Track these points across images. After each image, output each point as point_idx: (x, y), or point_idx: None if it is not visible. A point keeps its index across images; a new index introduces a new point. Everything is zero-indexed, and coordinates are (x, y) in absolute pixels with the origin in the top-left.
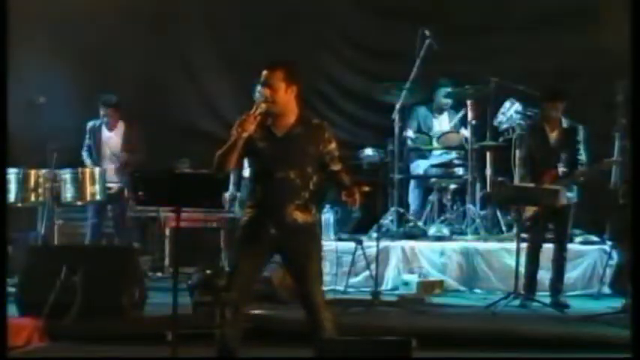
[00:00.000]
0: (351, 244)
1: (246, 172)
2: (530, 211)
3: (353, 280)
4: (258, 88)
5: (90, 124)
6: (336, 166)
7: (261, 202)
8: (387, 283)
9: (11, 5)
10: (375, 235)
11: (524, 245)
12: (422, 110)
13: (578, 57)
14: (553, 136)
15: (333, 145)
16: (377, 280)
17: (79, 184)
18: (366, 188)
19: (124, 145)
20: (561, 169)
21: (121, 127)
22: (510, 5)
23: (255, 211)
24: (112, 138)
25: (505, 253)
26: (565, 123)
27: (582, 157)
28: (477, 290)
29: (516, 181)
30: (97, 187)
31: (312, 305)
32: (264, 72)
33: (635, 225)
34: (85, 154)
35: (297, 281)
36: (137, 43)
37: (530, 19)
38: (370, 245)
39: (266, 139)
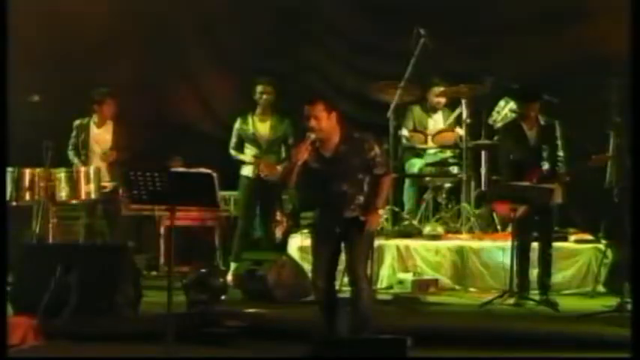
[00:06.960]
0: None
1: (244, 171)
2: (519, 209)
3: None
4: (259, 89)
5: (77, 122)
6: (379, 171)
7: (324, 208)
8: (382, 282)
9: (11, 4)
10: None
11: None
12: (417, 109)
13: (572, 56)
14: (532, 134)
15: (374, 152)
16: (372, 278)
17: (73, 182)
18: None
19: (114, 142)
20: (544, 167)
21: (109, 124)
22: (506, 5)
23: (320, 213)
24: (101, 135)
25: (500, 251)
26: (542, 120)
27: (561, 153)
28: (472, 289)
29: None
30: (92, 186)
31: (354, 276)
32: (307, 107)
33: (634, 225)
34: (71, 153)
35: (346, 257)
36: (133, 42)
37: (526, 19)
38: None
39: (317, 160)
